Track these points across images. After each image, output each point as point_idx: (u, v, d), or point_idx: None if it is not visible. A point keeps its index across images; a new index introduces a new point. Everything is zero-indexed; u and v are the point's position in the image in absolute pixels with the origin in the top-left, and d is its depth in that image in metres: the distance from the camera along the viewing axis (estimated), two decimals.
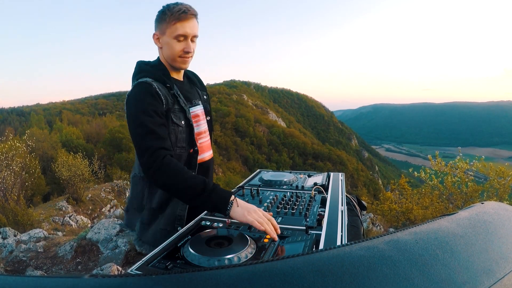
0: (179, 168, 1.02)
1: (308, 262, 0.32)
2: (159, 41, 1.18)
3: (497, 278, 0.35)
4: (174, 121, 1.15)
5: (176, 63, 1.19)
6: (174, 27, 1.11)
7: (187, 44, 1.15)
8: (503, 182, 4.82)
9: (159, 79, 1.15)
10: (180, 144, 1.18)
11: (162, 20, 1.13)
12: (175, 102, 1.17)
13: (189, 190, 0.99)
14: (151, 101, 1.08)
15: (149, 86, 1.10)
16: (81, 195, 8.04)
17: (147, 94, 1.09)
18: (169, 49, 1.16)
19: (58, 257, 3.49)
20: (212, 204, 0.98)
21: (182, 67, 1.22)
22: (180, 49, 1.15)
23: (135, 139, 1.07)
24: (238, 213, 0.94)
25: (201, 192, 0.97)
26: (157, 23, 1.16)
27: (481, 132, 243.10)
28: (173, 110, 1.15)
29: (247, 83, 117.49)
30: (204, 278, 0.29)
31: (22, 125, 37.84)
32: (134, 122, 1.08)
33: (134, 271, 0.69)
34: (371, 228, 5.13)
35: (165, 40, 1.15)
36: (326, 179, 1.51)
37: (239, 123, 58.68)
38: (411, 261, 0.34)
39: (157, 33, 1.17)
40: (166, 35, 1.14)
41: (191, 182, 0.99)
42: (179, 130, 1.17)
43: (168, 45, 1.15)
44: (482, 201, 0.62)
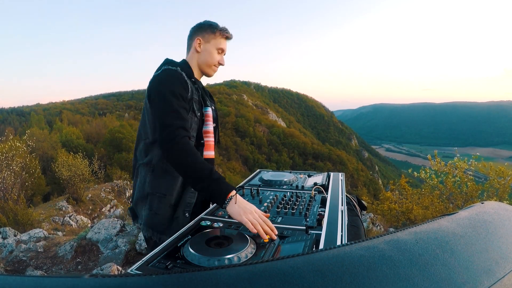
0: (193, 151, 1.08)
1: (308, 262, 0.32)
2: (200, 47, 1.29)
3: (497, 278, 0.35)
4: (194, 110, 1.22)
5: (209, 69, 1.33)
6: (220, 40, 1.29)
7: (222, 58, 1.33)
8: (503, 182, 4.83)
9: (186, 71, 1.25)
10: (192, 133, 1.23)
11: (210, 31, 1.28)
12: (197, 95, 1.25)
13: (195, 172, 1.04)
14: (179, 85, 1.17)
15: (178, 73, 1.20)
16: (81, 195, 8.04)
17: (176, 79, 1.18)
18: (208, 56, 1.29)
19: (58, 257, 3.49)
20: (210, 194, 1.02)
21: (210, 74, 1.35)
22: (217, 59, 1.31)
23: (160, 115, 1.12)
24: (234, 210, 0.96)
25: (205, 178, 1.02)
26: (203, 31, 1.29)
27: (481, 132, 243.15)
28: (195, 100, 1.23)
29: (247, 83, 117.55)
30: (204, 278, 0.29)
31: (22, 125, 37.86)
32: (161, 100, 1.14)
33: (134, 271, 0.69)
34: (371, 228, 5.14)
35: (207, 48, 1.29)
36: (326, 179, 1.51)
37: (239, 123, 58.71)
38: (411, 261, 0.34)
39: (200, 38, 1.29)
40: (210, 44, 1.28)
41: (200, 166, 1.04)
42: (194, 121, 1.23)
43: (209, 53, 1.29)
44: (482, 201, 0.62)
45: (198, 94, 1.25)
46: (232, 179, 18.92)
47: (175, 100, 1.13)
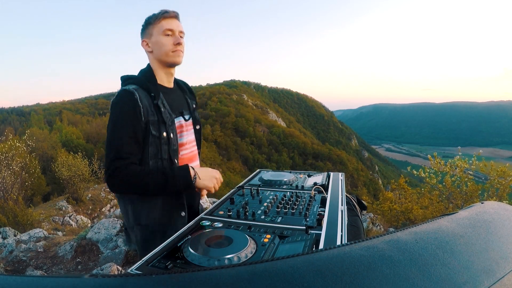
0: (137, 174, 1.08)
1: (308, 262, 0.32)
2: (148, 46, 1.21)
3: (497, 278, 0.35)
4: (153, 134, 1.13)
5: (170, 57, 1.20)
6: (160, 24, 1.17)
7: (176, 37, 1.19)
8: (504, 182, 4.82)
9: (144, 87, 1.16)
10: (161, 155, 1.16)
11: (148, 24, 1.20)
12: (156, 114, 1.15)
13: (154, 187, 1.08)
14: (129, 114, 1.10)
15: (130, 96, 1.11)
16: (81, 195, 8.04)
17: (127, 105, 1.10)
18: (160, 47, 1.18)
19: (58, 257, 3.49)
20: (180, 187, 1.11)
21: (176, 60, 1.22)
22: (170, 42, 1.18)
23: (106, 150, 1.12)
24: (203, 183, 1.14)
25: (166, 183, 1.08)
26: (144, 30, 1.21)
27: (481, 132, 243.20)
28: (153, 122, 1.13)
29: (247, 83, 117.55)
30: (204, 278, 0.29)
31: (22, 125, 37.86)
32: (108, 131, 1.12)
33: (134, 271, 0.69)
34: (371, 228, 5.14)
35: (154, 40, 1.19)
36: (326, 179, 1.51)
37: (239, 123, 58.71)
38: (411, 261, 0.34)
39: (145, 39, 1.21)
40: (154, 35, 1.18)
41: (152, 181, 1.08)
42: (160, 142, 1.15)
43: (159, 43, 1.18)
44: (482, 201, 0.62)
45: (160, 112, 1.15)
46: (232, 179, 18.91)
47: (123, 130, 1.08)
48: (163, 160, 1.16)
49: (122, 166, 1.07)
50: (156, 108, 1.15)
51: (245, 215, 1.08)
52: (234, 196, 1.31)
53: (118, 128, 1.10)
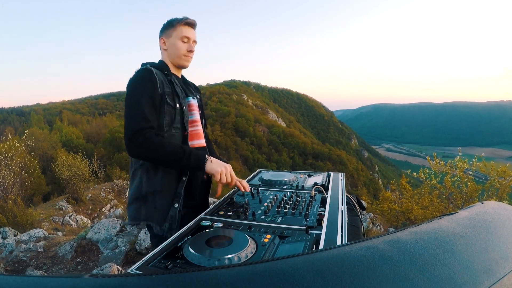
0: (158, 141, 1.17)
1: (308, 262, 0.32)
2: (165, 44, 1.35)
3: (497, 278, 0.35)
4: (168, 103, 1.25)
5: (181, 60, 1.35)
6: (180, 30, 1.32)
7: (190, 45, 1.35)
8: (504, 182, 4.82)
9: (159, 68, 1.31)
10: (175, 125, 1.27)
11: (170, 26, 1.33)
12: (171, 87, 1.29)
13: (170, 156, 1.17)
14: (147, 84, 1.22)
15: (147, 72, 1.24)
16: (81, 195, 8.04)
17: (145, 79, 1.23)
18: (175, 49, 1.33)
19: (58, 257, 3.49)
20: (191, 167, 1.20)
21: (185, 64, 1.38)
22: (184, 48, 1.33)
23: (125, 119, 1.21)
24: (211, 168, 1.20)
25: (182, 157, 1.17)
26: (164, 30, 1.35)
27: (481, 132, 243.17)
28: (168, 93, 1.26)
29: (247, 83, 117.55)
30: (204, 278, 0.29)
31: (22, 125, 37.87)
32: (129, 102, 1.21)
33: (134, 271, 0.69)
34: (371, 228, 5.13)
35: (171, 42, 1.33)
36: (326, 179, 1.51)
37: (239, 123, 58.70)
38: (411, 261, 0.34)
39: (163, 37, 1.35)
40: (172, 37, 1.33)
41: (171, 151, 1.17)
42: (174, 112, 1.27)
43: (175, 46, 1.33)
44: (482, 201, 0.62)
45: (172, 86, 1.29)
46: None
47: (141, 100, 1.19)
48: (177, 129, 1.28)
49: (145, 130, 1.16)
50: (170, 82, 1.30)
51: (245, 215, 1.08)
52: (234, 196, 1.31)
53: (138, 97, 1.20)
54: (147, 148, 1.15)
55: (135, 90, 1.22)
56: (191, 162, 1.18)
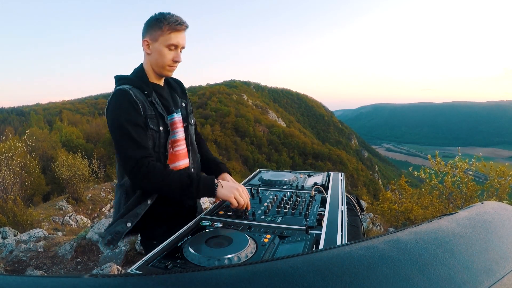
0: (163, 171, 1.10)
1: (308, 262, 0.32)
2: (148, 48, 1.19)
3: (497, 278, 0.35)
4: (151, 127, 1.15)
5: (164, 71, 1.22)
6: (168, 36, 1.14)
7: (177, 54, 1.19)
8: (503, 182, 4.82)
9: (137, 86, 1.17)
10: (158, 149, 1.18)
11: (157, 27, 1.15)
12: (153, 109, 1.17)
13: (178, 186, 1.09)
14: (130, 110, 1.11)
15: (126, 94, 1.12)
16: (81, 195, 8.04)
17: (125, 102, 1.11)
18: (159, 57, 1.18)
19: (58, 256, 3.49)
20: (202, 192, 1.11)
21: (168, 75, 1.25)
22: (170, 57, 1.18)
23: (119, 148, 1.12)
24: (222, 194, 1.10)
25: (190, 185, 1.09)
26: (150, 29, 1.17)
27: (481, 132, 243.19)
28: (150, 116, 1.15)
29: (247, 83, 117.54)
30: (204, 278, 0.29)
31: (22, 125, 37.86)
32: (116, 131, 1.11)
33: (134, 271, 0.69)
34: (371, 228, 5.13)
35: (156, 47, 1.17)
36: (326, 179, 1.51)
37: (239, 123, 58.68)
38: (411, 261, 0.34)
39: (147, 39, 1.18)
40: (158, 42, 1.16)
41: (178, 180, 1.10)
42: (157, 136, 1.18)
43: (159, 53, 1.17)
44: (482, 201, 0.62)
45: (154, 108, 1.17)
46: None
47: (129, 127, 1.09)
48: (160, 153, 1.19)
49: (147, 159, 1.10)
50: (151, 104, 1.18)
51: (245, 215, 1.08)
52: None
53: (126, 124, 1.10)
54: (152, 178, 1.09)
55: (118, 117, 1.10)
56: (200, 190, 1.10)
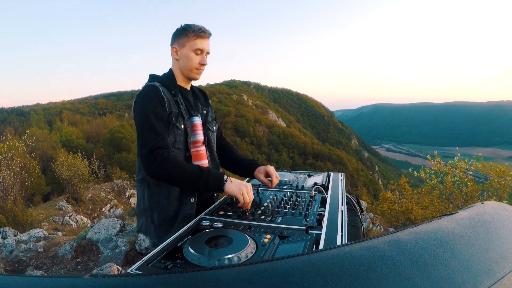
0: (176, 161, 1.15)
1: (308, 262, 0.32)
2: (177, 54, 1.31)
3: (497, 278, 0.35)
4: (174, 124, 1.24)
5: (192, 73, 1.32)
6: (194, 42, 1.27)
7: (203, 58, 1.31)
8: (503, 182, 4.82)
9: (166, 85, 1.29)
10: (178, 146, 1.26)
11: (183, 35, 1.28)
12: (177, 108, 1.27)
13: (188, 177, 1.14)
14: (156, 103, 1.21)
15: (156, 89, 1.23)
16: (81, 195, 8.04)
17: (154, 96, 1.22)
18: (187, 61, 1.30)
19: (58, 257, 3.49)
20: (209, 188, 1.15)
21: (196, 77, 1.35)
22: (197, 61, 1.30)
23: (140, 134, 1.19)
24: (231, 189, 1.13)
25: (200, 176, 1.13)
26: (177, 37, 1.30)
27: (481, 132, 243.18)
28: (174, 114, 1.25)
29: (247, 83, 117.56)
30: (204, 278, 0.29)
31: (22, 125, 37.86)
32: (140, 119, 1.20)
33: (134, 271, 0.69)
34: (371, 228, 5.13)
35: (184, 53, 1.29)
36: (326, 179, 1.51)
37: (239, 123, 58.67)
38: (411, 261, 0.34)
39: (175, 46, 1.31)
40: (185, 48, 1.29)
41: (189, 170, 1.15)
42: (178, 133, 1.25)
43: (187, 57, 1.29)
44: (482, 201, 0.62)
45: (179, 107, 1.27)
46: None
47: (153, 119, 1.18)
48: (179, 150, 1.26)
49: (162, 149, 1.16)
50: (176, 103, 1.28)
51: (245, 215, 1.08)
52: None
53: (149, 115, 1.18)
54: (165, 167, 1.13)
55: (144, 108, 1.20)
56: (209, 183, 1.14)
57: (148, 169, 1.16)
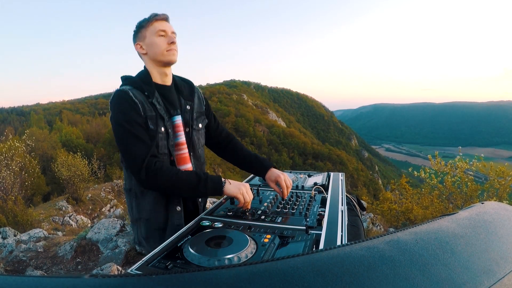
0: (171, 170, 1.11)
1: (308, 262, 0.32)
2: (142, 48, 1.23)
3: (497, 278, 0.35)
4: (151, 128, 1.15)
5: (165, 57, 1.21)
6: (153, 26, 1.20)
7: (170, 37, 1.22)
8: (503, 182, 4.82)
9: (138, 87, 1.19)
10: (162, 150, 1.18)
11: (141, 28, 1.22)
12: (153, 110, 1.17)
13: (187, 185, 1.10)
14: (128, 110, 1.12)
15: (125, 94, 1.14)
16: (81, 195, 8.04)
17: (124, 103, 1.13)
18: (155, 47, 1.21)
19: (58, 257, 3.49)
20: (210, 189, 1.12)
21: (172, 59, 1.23)
22: (164, 41, 1.21)
23: (124, 148, 1.12)
24: (230, 189, 1.12)
25: (198, 183, 1.10)
26: (136, 34, 1.24)
27: (481, 132, 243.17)
28: (151, 117, 1.16)
29: (247, 83, 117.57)
30: (204, 278, 0.29)
31: (22, 125, 37.84)
32: (119, 130, 1.12)
33: (134, 271, 0.69)
34: (371, 228, 5.13)
35: (148, 42, 1.21)
36: (326, 179, 1.51)
37: (239, 123, 58.67)
38: (412, 261, 0.34)
39: (138, 43, 1.24)
40: (147, 38, 1.21)
41: (186, 178, 1.11)
42: (159, 137, 1.17)
43: (153, 44, 1.21)
44: (482, 201, 0.62)
45: (155, 108, 1.17)
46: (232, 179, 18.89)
47: (130, 127, 1.10)
48: (164, 155, 1.18)
49: (154, 158, 1.11)
50: (151, 104, 1.18)
51: (245, 215, 1.08)
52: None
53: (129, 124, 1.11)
54: (162, 177, 1.08)
55: (118, 117, 1.12)
56: (208, 187, 1.11)
57: (144, 182, 1.10)
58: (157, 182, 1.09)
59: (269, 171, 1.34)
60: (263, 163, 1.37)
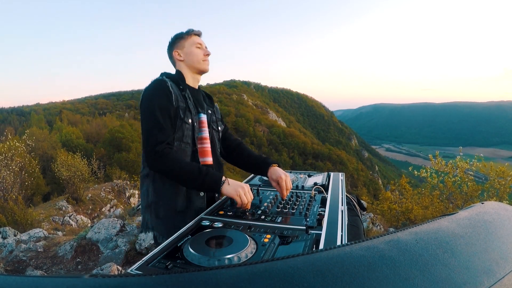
0: (176, 157, 1.19)
1: (308, 262, 0.32)
2: (180, 55, 1.39)
3: (497, 278, 0.35)
4: (181, 117, 1.26)
5: (201, 65, 1.40)
6: (191, 39, 1.39)
7: (205, 49, 1.41)
8: (503, 182, 4.82)
9: (175, 81, 1.32)
10: (186, 140, 1.28)
11: (179, 38, 1.39)
12: (185, 102, 1.29)
13: (186, 175, 1.16)
14: (163, 97, 1.23)
15: (163, 83, 1.26)
16: (81, 195, 8.04)
17: (161, 90, 1.24)
18: (193, 56, 1.38)
19: (58, 256, 3.49)
20: (206, 188, 1.18)
21: (206, 68, 1.42)
22: (201, 53, 1.39)
23: (145, 130, 1.21)
24: (228, 190, 1.14)
25: (196, 177, 1.15)
26: (174, 43, 1.40)
27: (481, 132, 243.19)
28: (182, 108, 1.27)
29: (247, 83, 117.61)
30: (204, 278, 0.29)
31: (22, 125, 37.85)
32: (145, 113, 1.23)
33: (134, 271, 0.69)
34: (371, 228, 5.13)
35: (186, 51, 1.38)
36: (326, 179, 1.51)
37: (239, 123, 58.69)
38: (412, 261, 0.34)
39: (177, 50, 1.39)
40: (186, 47, 1.38)
41: (187, 168, 1.17)
42: (186, 127, 1.27)
43: (191, 53, 1.38)
44: (482, 201, 0.62)
45: (186, 101, 1.30)
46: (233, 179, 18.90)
47: (158, 113, 1.20)
48: (187, 144, 1.28)
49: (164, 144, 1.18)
50: (184, 97, 1.30)
51: (245, 215, 1.08)
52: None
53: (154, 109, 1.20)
54: (165, 162, 1.16)
55: (151, 101, 1.22)
56: (206, 183, 1.15)
57: (150, 163, 1.19)
58: (162, 166, 1.17)
59: (271, 168, 1.38)
60: (266, 161, 1.44)
